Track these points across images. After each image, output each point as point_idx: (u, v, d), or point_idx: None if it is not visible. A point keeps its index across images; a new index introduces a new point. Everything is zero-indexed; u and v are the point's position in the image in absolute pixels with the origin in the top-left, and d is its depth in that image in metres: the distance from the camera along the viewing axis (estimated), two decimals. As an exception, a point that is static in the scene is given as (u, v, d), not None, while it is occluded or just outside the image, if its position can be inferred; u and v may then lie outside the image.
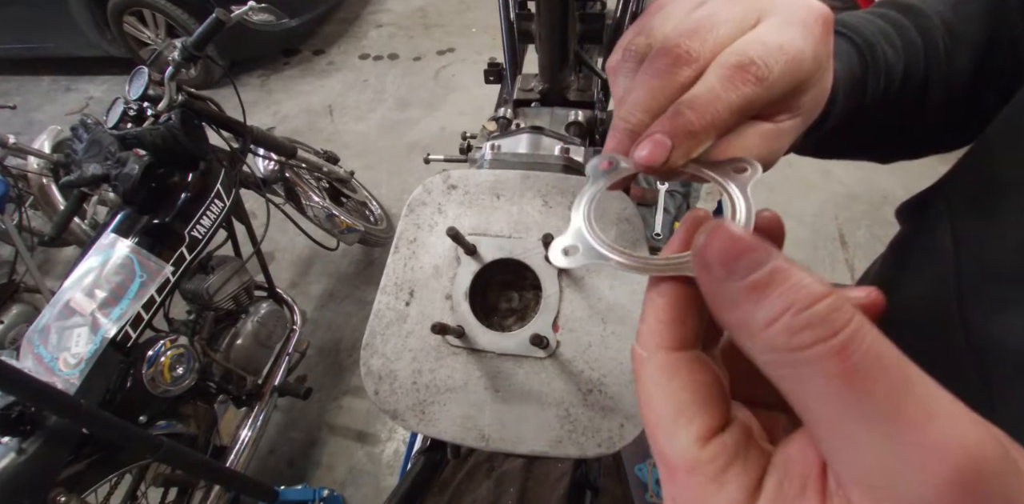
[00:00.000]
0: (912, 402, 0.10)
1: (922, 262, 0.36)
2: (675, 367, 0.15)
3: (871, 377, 0.10)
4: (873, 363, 0.11)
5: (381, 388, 0.38)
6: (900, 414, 0.10)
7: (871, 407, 0.10)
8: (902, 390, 0.10)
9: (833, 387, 0.11)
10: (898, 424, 0.10)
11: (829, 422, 0.11)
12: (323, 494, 1.33)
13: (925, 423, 0.10)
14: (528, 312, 0.40)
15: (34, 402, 0.82)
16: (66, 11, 2.83)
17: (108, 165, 1.02)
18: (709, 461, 0.13)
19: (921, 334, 0.33)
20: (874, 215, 2.06)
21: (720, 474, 0.13)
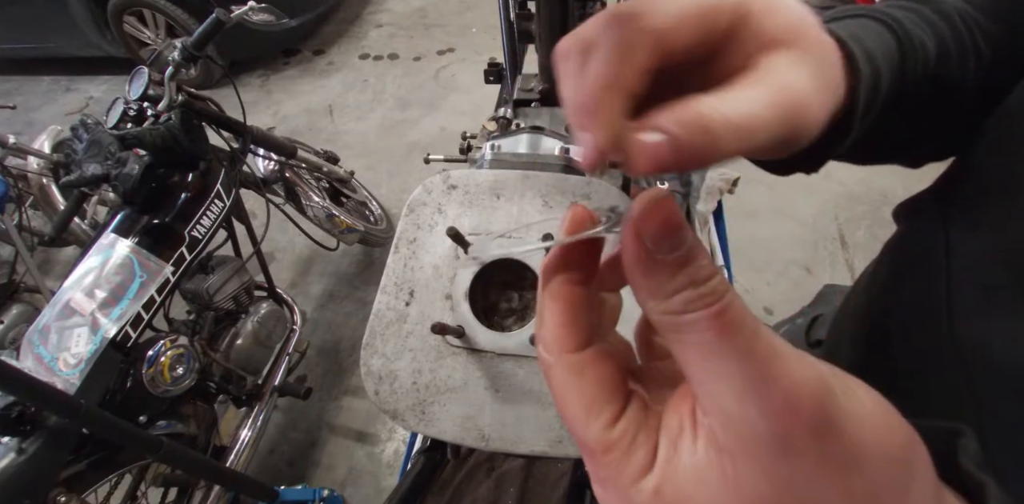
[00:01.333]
0: (760, 347, 0.13)
1: (915, 266, 0.36)
2: (580, 367, 0.17)
3: (734, 330, 0.13)
4: (736, 321, 0.14)
5: (381, 388, 0.38)
6: (751, 356, 0.13)
7: (731, 350, 0.13)
8: (754, 339, 0.13)
9: (707, 337, 0.13)
10: (749, 362, 0.13)
11: (699, 364, 0.14)
12: (323, 494, 1.33)
13: (767, 362, 0.13)
14: (528, 312, 0.40)
15: (34, 402, 0.82)
16: (66, 11, 2.83)
17: (108, 165, 1.02)
18: (619, 438, 0.15)
19: (912, 338, 0.33)
20: (874, 215, 2.06)
21: (630, 446, 0.15)
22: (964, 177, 0.33)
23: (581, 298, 0.18)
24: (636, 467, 0.15)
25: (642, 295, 0.15)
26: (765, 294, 1.86)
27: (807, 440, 0.13)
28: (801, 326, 0.64)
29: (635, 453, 0.15)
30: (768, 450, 0.13)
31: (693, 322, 0.14)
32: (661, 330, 0.15)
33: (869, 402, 0.14)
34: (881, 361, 0.37)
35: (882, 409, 0.14)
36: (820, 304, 0.68)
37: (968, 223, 0.31)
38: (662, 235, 0.14)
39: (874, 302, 0.41)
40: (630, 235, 0.15)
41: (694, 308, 0.14)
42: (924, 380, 0.32)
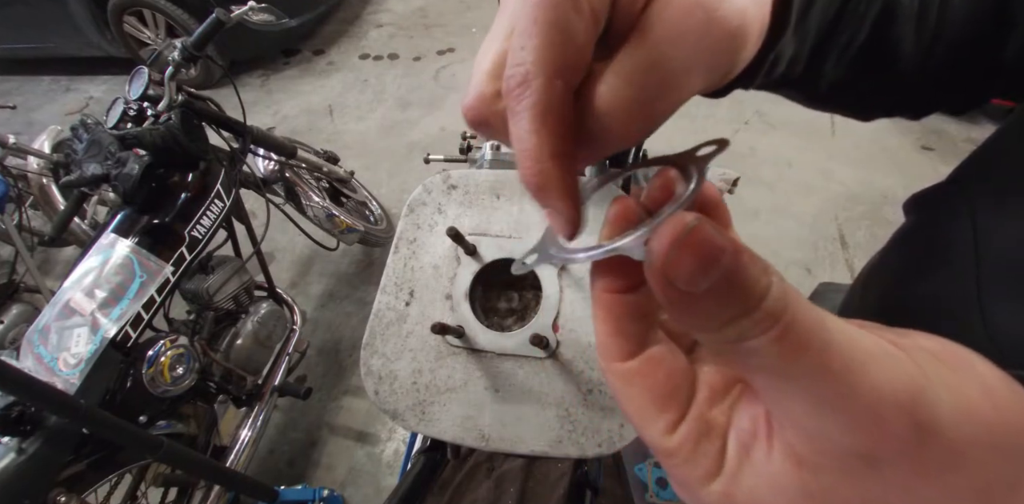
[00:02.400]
0: (834, 361, 0.12)
1: (937, 254, 0.35)
2: (631, 376, 0.16)
3: (801, 350, 0.12)
4: (802, 339, 0.12)
5: (381, 388, 0.38)
6: (825, 373, 0.12)
7: (801, 372, 0.12)
8: (825, 354, 0.12)
9: (772, 362, 0.12)
10: (823, 381, 0.12)
11: (771, 386, 0.13)
12: (323, 494, 1.33)
13: (844, 376, 0.12)
14: (528, 312, 0.40)
15: (34, 402, 0.82)
16: (66, 11, 2.83)
17: (108, 165, 1.02)
18: (678, 447, 0.15)
19: (936, 325, 0.33)
20: (874, 215, 2.06)
21: (691, 455, 0.15)
22: (992, 164, 0.33)
23: (627, 306, 0.17)
24: (702, 471, 0.14)
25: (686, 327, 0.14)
26: (765, 294, 1.86)
27: (898, 452, 0.12)
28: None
29: (698, 459, 0.15)
30: (855, 465, 0.12)
31: (753, 350, 0.12)
32: (718, 357, 0.14)
33: (973, 386, 0.13)
34: None
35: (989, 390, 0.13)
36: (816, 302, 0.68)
37: (998, 210, 0.30)
38: (698, 274, 0.12)
39: (886, 297, 0.40)
40: (656, 280, 0.13)
41: (752, 335, 0.12)
42: None
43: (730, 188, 1.15)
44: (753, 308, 0.12)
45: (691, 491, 0.15)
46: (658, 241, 0.13)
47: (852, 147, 2.32)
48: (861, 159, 2.28)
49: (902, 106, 0.38)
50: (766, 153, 2.34)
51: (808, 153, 2.32)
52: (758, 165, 2.28)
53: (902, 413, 0.12)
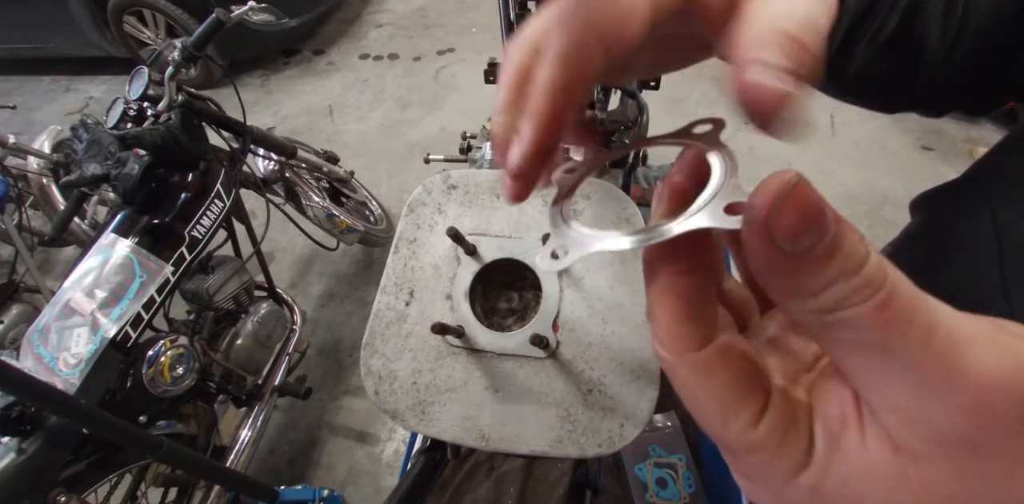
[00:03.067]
0: (939, 339, 0.11)
1: (955, 250, 0.35)
2: (707, 367, 0.15)
3: (904, 324, 0.11)
4: (906, 312, 0.11)
5: (381, 388, 0.38)
6: (928, 352, 0.11)
7: (904, 348, 0.11)
8: (930, 331, 0.11)
9: (871, 336, 0.12)
10: (927, 360, 0.11)
11: (864, 364, 0.12)
12: (323, 494, 1.33)
13: (950, 357, 0.11)
14: (528, 312, 0.40)
15: (34, 402, 0.82)
16: (66, 11, 2.83)
17: (108, 165, 1.02)
18: (765, 439, 0.14)
19: None
20: (874, 215, 2.06)
21: (779, 447, 0.14)
22: (1011, 161, 0.33)
23: (697, 289, 0.15)
24: (789, 465, 0.13)
25: (778, 294, 0.13)
26: (765, 294, 1.87)
27: (1006, 440, 0.11)
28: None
29: (786, 452, 0.14)
30: (959, 453, 0.12)
31: (851, 319, 0.12)
32: (808, 328, 0.13)
33: None
34: None
35: None
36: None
37: (1020, 206, 0.30)
38: (801, 231, 0.12)
39: None
40: (757, 238, 0.12)
41: (850, 304, 0.12)
42: None
43: (730, 188, 1.14)
44: (853, 272, 0.12)
45: (773, 488, 0.14)
46: (762, 197, 0.12)
47: (852, 147, 2.32)
48: (861, 159, 2.28)
49: (925, 101, 0.38)
50: (766, 153, 2.34)
51: (808, 153, 2.32)
52: (758, 165, 2.28)
53: (1012, 400, 0.11)
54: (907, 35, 0.32)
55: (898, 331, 0.11)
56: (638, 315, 0.37)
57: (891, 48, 0.33)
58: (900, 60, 0.34)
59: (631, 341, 0.37)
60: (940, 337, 0.11)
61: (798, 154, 2.32)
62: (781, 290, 0.13)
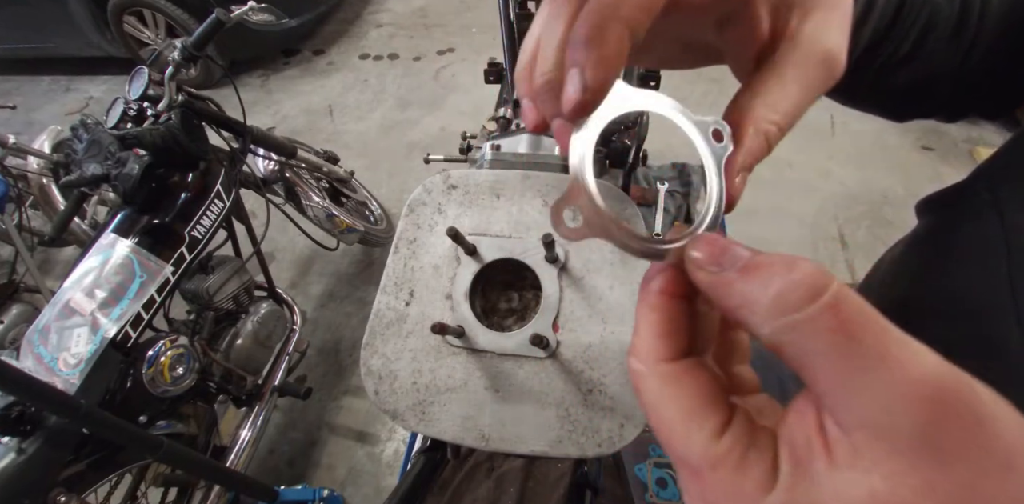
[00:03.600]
0: (894, 345, 0.12)
1: (962, 252, 0.35)
2: (677, 376, 0.16)
3: (860, 327, 0.12)
4: (858, 315, 0.12)
5: (381, 388, 0.38)
6: (887, 356, 0.12)
7: (863, 353, 0.12)
8: (884, 336, 0.12)
9: (832, 341, 0.12)
10: (887, 364, 0.12)
11: (830, 374, 0.12)
12: (323, 494, 1.33)
13: (909, 361, 0.12)
14: (528, 312, 0.40)
15: (34, 402, 0.82)
16: (66, 11, 2.83)
17: (108, 165, 1.02)
18: (728, 453, 0.14)
19: (965, 322, 0.33)
20: (874, 215, 2.06)
21: (741, 462, 0.14)
22: (1019, 159, 0.33)
23: (680, 311, 0.17)
24: (754, 484, 0.14)
25: (741, 313, 0.14)
26: (765, 294, 1.87)
27: (966, 445, 0.12)
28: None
29: (750, 469, 0.14)
30: (927, 464, 0.12)
31: (810, 322, 0.12)
32: (781, 348, 0.13)
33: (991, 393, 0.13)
34: None
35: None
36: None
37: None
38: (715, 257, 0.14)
39: (908, 296, 0.40)
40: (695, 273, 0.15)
41: (801, 302, 0.12)
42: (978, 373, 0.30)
43: (730, 188, 1.15)
44: (791, 272, 0.13)
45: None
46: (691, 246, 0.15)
47: (852, 147, 2.32)
48: (861, 159, 2.28)
49: (937, 110, 0.39)
50: (766, 153, 2.34)
51: (808, 153, 2.32)
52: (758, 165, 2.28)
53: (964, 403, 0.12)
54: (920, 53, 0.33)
55: (855, 332, 0.12)
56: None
57: (905, 65, 0.33)
58: (913, 76, 0.34)
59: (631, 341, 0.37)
60: (895, 343, 0.12)
61: (798, 154, 2.32)
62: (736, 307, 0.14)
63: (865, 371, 0.12)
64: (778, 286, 0.13)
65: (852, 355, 0.12)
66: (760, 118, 0.19)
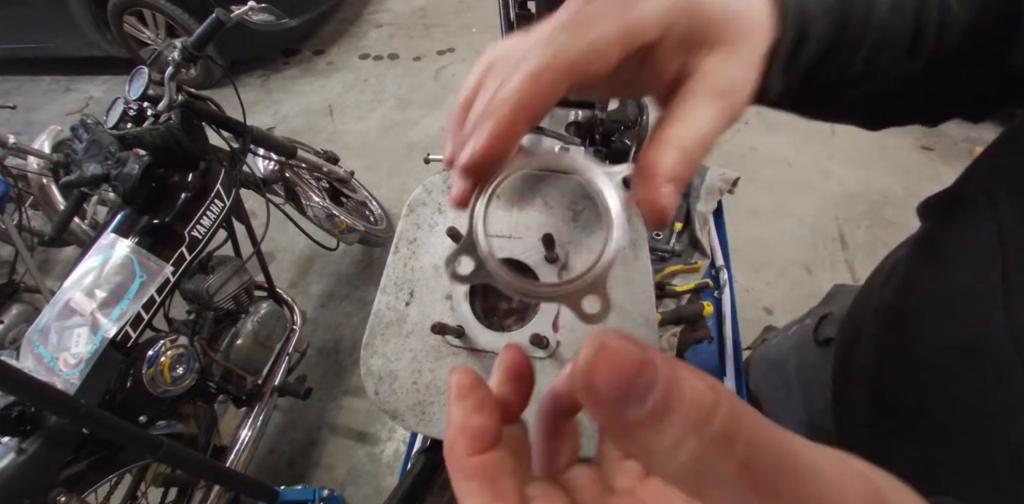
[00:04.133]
0: (808, 483, 0.11)
1: (958, 254, 0.35)
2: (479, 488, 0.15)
3: (772, 479, 0.11)
4: (771, 463, 0.11)
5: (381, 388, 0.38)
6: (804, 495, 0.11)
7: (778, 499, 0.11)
8: (798, 476, 0.11)
9: (744, 496, 0.11)
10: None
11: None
12: (323, 494, 1.33)
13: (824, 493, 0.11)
14: (528, 312, 0.40)
15: (34, 402, 0.82)
16: (66, 11, 2.83)
17: (108, 165, 1.02)
18: None
19: (956, 331, 0.32)
20: (874, 215, 2.06)
21: None
22: (1016, 163, 0.33)
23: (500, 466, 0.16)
24: None
25: (636, 456, 0.13)
26: (765, 294, 1.86)
27: None
28: (809, 326, 0.64)
29: None
30: None
31: (715, 480, 0.11)
32: (682, 487, 0.12)
33: None
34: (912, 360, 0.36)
35: None
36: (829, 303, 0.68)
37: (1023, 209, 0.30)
38: (623, 385, 0.11)
39: (904, 296, 0.40)
40: (588, 398, 0.12)
41: (710, 462, 0.11)
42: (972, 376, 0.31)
43: (730, 188, 1.15)
44: (703, 425, 0.11)
45: None
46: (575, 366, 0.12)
47: (852, 147, 2.32)
48: (861, 159, 2.28)
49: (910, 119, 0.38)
50: (766, 153, 2.34)
51: (808, 153, 2.32)
52: (758, 165, 2.28)
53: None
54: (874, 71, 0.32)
55: (768, 486, 0.11)
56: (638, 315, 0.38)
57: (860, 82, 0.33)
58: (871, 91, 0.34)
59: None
60: (810, 482, 0.11)
61: (798, 154, 2.32)
62: (633, 451, 0.12)
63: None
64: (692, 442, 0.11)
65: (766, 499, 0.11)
66: (675, 136, 0.21)
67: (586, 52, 0.19)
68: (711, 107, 0.22)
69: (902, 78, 0.33)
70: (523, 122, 0.18)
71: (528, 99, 0.18)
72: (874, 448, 0.40)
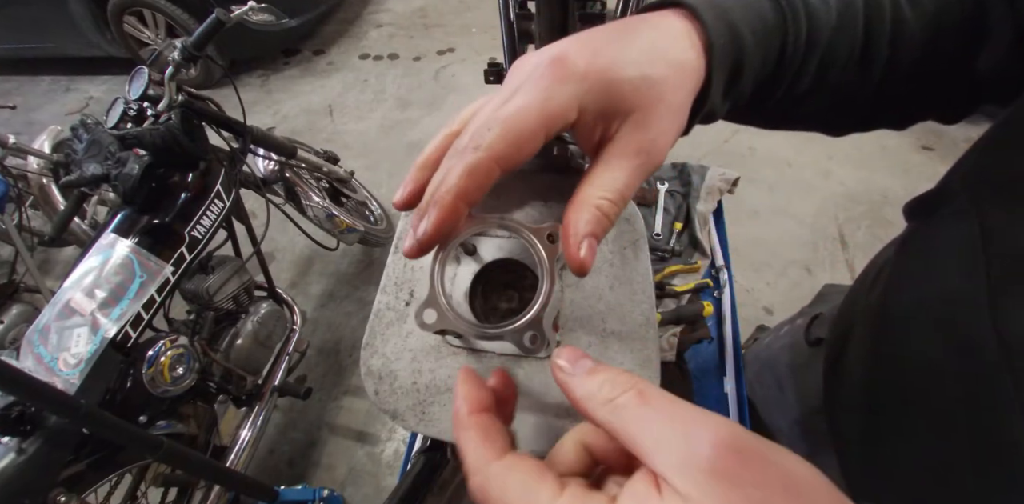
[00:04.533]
0: (680, 409, 0.18)
1: (942, 255, 0.35)
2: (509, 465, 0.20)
3: (657, 400, 0.19)
4: (656, 395, 0.19)
5: (381, 388, 0.38)
6: (676, 416, 0.18)
7: (660, 415, 0.18)
8: (674, 405, 0.18)
9: (640, 411, 0.18)
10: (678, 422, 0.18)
11: (643, 435, 0.18)
12: (323, 494, 1.33)
13: (695, 419, 0.17)
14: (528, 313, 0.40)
15: (34, 402, 0.82)
16: (66, 11, 2.83)
17: (108, 165, 1.02)
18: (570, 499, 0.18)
19: (942, 334, 0.32)
20: (874, 215, 2.06)
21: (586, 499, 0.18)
22: (999, 163, 0.32)
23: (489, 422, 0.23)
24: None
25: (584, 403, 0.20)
26: (765, 294, 1.87)
27: (745, 470, 0.16)
28: (800, 326, 0.64)
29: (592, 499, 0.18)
30: (720, 488, 0.16)
31: (625, 403, 0.19)
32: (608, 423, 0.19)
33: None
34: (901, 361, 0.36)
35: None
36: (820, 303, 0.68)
37: (1008, 209, 0.30)
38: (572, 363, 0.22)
39: (890, 300, 0.40)
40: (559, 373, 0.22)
41: (621, 392, 0.19)
42: (959, 377, 0.31)
43: (730, 188, 1.15)
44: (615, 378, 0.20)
45: None
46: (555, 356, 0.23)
47: (852, 147, 2.32)
48: (861, 159, 2.28)
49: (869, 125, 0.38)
50: (766, 153, 2.34)
51: (808, 153, 2.32)
52: (758, 165, 2.28)
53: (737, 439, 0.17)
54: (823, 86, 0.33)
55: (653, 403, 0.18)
56: (638, 315, 0.38)
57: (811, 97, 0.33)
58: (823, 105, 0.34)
59: (631, 341, 0.37)
60: (681, 408, 0.18)
61: (798, 154, 2.32)
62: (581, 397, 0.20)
63: (665, 428, 0.17)
64: (608, 385, 0.19)
65: (655, 421, 0.18)
66: (592, 196, 0.24)
67: (511, 146, 0.23)
68: (625, 167, 0.25)
69: (857, 89, 0.33)
70: (464, 205, 0.23)
71: (465, 189, 0.23)
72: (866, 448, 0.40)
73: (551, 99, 0.23)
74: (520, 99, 0.23)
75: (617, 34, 0.26)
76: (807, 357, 0.60)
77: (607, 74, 0.24)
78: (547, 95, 0.23)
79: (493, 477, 0.20)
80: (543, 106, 0.23)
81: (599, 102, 0.24)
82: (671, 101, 0.26)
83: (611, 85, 0.24)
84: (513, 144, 0.23)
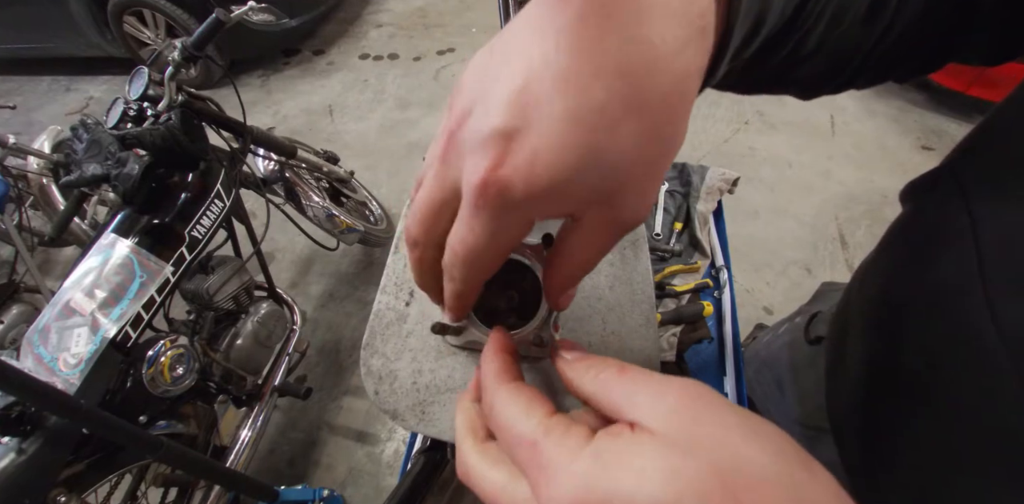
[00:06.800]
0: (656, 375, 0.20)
1: (934, 244, 0.34)
2: (517, 387, 0.24)
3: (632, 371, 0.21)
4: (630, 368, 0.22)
5: (381, 388, 0.38)
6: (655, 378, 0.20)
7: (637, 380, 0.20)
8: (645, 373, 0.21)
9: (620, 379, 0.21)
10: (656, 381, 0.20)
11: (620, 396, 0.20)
12: (323, 494, 1.33)
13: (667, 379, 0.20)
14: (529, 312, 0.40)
15: (34, 402, 0.82)
16: (66, 11, 2.83)
17: (108, 165, 1.01)
18: (557, 424, 0.20)
19: (940, 324, 0.32)
20: (874, 215, 2.06)
21: (568, 428, 0.20)
22: (988, 147, 0.32)
23: (511, 358, 0.26)
24: (575, 441, 0.19)
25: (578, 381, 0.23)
26: (765, 294, 1.87)
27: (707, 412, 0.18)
28: (800, 324, 0.64)
29: (574, 432, 0.20)
30: (684, 424, 0.18)
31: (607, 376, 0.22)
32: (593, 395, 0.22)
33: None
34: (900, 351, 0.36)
35: None
36: (818, 301, 0.68)
37: (996, 194, 0.29)
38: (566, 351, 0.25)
39: (886, 292, 0.39)
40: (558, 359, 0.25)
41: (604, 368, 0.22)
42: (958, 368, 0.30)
43: (730, 188, 1.15)
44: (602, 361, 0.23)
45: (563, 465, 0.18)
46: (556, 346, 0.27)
47: (852, 147, 2.32)
48: (861, 159, 2.28)
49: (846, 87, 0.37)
50: (766, 153, 2.34)
51: (808, 153, 2.32)
52: (758, 165, 2.28)
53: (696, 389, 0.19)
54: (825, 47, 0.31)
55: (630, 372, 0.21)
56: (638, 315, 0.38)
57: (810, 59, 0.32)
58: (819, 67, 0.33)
59: (631, 341, 0.37)
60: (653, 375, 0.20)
61: (798, 154, 2.32)
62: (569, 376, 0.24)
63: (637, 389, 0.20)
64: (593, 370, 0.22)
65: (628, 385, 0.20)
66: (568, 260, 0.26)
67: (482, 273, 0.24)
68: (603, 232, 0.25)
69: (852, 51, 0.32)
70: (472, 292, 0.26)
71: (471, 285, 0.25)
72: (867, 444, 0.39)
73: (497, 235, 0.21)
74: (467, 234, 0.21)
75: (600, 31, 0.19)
76: (807, 356, 0.60)
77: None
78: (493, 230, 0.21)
79: (503, 393, 0.23)
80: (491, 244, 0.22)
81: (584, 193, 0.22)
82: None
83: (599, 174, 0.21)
84: (481, 273, 0.24)
